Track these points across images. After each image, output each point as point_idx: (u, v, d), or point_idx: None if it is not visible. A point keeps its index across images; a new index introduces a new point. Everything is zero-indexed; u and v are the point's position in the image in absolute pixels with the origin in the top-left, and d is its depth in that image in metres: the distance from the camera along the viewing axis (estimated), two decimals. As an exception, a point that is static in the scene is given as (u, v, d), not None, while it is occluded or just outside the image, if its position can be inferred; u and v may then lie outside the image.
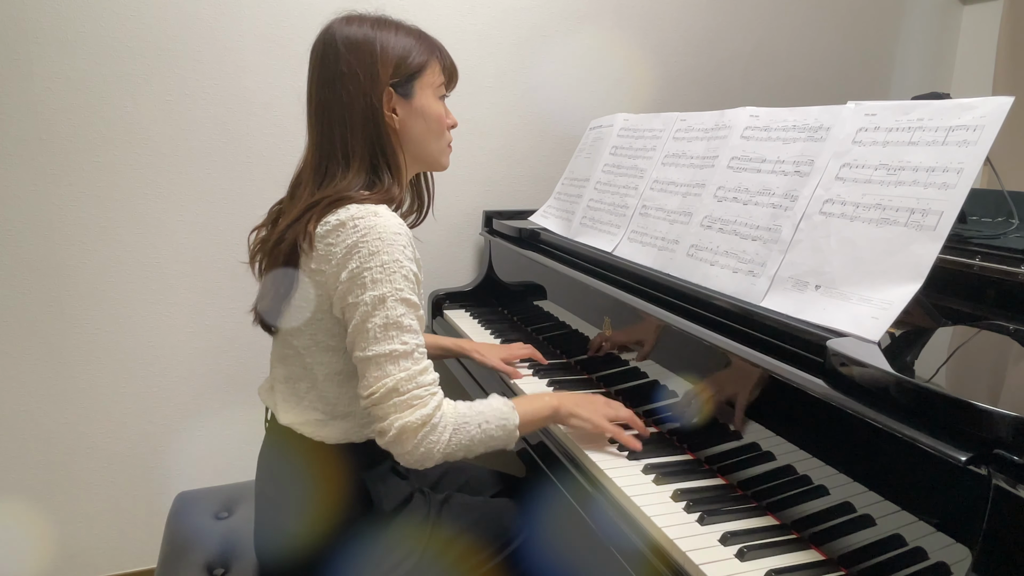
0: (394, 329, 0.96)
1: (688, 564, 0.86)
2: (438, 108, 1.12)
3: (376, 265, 0.95)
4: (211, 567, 1.20)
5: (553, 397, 1.15)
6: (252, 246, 1.12)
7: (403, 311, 0.96)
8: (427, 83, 1.10)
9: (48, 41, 1.62)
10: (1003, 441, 0.67)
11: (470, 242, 2.11)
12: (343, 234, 0.97)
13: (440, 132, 1.13)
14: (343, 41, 1.04)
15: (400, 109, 1.08)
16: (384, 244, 0.96)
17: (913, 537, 0.76)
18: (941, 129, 0.95)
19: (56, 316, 1.74)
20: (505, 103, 2.06)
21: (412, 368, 0.96)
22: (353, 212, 0.98)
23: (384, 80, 1.04)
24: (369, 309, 0.95)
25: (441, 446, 0.97)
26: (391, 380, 0.95)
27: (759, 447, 0.99)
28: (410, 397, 0.95)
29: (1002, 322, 0.99)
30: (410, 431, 0.95)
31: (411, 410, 0.95)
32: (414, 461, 0.97)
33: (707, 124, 1.38)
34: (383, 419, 0.96)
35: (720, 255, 1.18)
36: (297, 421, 1.08)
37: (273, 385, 1.14)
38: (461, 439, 0.99)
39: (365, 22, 1.06)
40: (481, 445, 1.02)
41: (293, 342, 1.07)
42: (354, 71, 1.03)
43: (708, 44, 2.27)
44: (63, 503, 1.83)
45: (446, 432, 0.98)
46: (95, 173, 1.71)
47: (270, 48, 1.79)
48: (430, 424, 0.96)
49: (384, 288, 0.95)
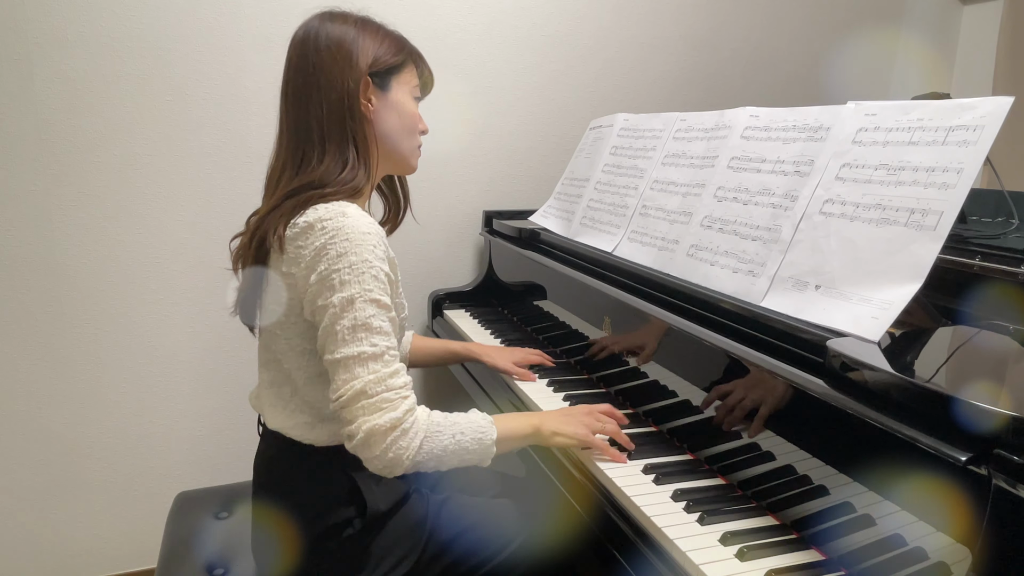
0: (363, 331, 0.94)
1: (688, 564, 0.86)
2: (413, 107, 1.13)
3: (344, 267, 0.95)
4: (211, 567, 1.20)
5: (534, 416, 1.13)
6: (233, 253, 1.12)
7: (372, 312, 0.95)
8: (404, 81, 1.11)
9: (48, 41, 1.62)
10: (1003, 441, 0.67)
11: (470, 242, 2.11)
12: (312, 236, 0.97)
13: (412, 130, 1.14)
14: (324, 33, 1.06)
15: (376, 100, 1.08)
16: (352, 245, 0.95)
17: (913, 537, 0.76)
18: (941, 129, 0.95)
19: (56, 316, 1.74)
20: (505, 103, 2.06)
21: (382, 371, 0.94)
22: (321, 213, 0.98)
23: (363, 68, 1.05)
24: (337, 311, 0.94)
25: (411, 452, 0.93)
26: (359, 383, 0.92)
27: (759, 447, 0.99)
28: (379, 400, 0.92)
29: (1002, 322, 0.99)
30: (378, 434, 0.91)
31: (379, 413, 0.92)
32: (382, 467, 0.93)
33: (707, 124, 1.38)
34: (351, 422, 0.93)
35: (720, 255, 1.18)
36: (286, 425, 1.08)
37: (260, 391, 1.15)
38: (432, 447, 0.96)
39: (348, 19, 1.08)
40: (454, 457, 0.99)
41: (271, 346, 1.08)
42: (333, 58, 1.04)
43: (708, 44, 2.27)
44: (63, 503, 1.83)
45: (416, 439, 0.94)
46: (95, 173, 1.71)
47: (270, 48, 1.79)
48: (400, 428, 0.92)
49: (352, 289, 0.94)
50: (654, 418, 1.24)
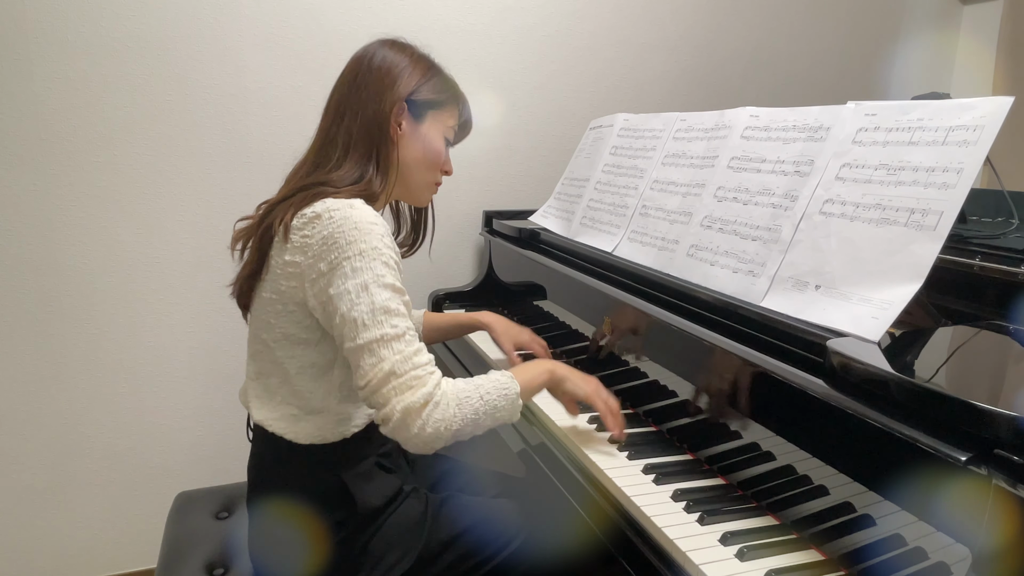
0: (382, 314, 0.95)
1: (688, 564, 0.86)
2: (440, 145, 1.16)
3: (355, 254, 0.96)
4: (211, 567, 1.21)
5: (547, 362, 1.15)
6: (236, 232, 1.13)
7: (388, 295, 0.96)
8: (440, 119, 1.16)
9: (48, 41, 1.62)
10: (1003, 441, 0.67)
11: (470, 242, 2.11)
12: (319, 225, 0.98)
13: (432, 166, 1.17)
14: (380, 56, 1.11)
15: (406, 125, 1.12)
16: (361, 233, 0.96)
17: (913, 537, 0.76)
18: (941, 129, 0.95)
19: (56, 316, 1.74)
20: (505, 103, 2.06)
21: (406, 350, 0.94)
22: (329, 204, 0.99)
23: (401, 92, 1.10)
24: (353, 298, 0.95)
25: (447, 423, 0.94)
26: (387, 364, 0.93)
27: (759, 447, 0.99)
28: (408, 378, 0.93)
29: (1002, 322, 0.99)
30: (414, 411, 0.92)
31: (411, 391, 0.93)
32: (422, 443, 0.94)
33: (707, 124, 1.38)
34: (384, 404, 0.93)
35: (720, 255, 1.18)
36: (270, 417, 1.08)
37: (246, 384, 1.15)
38: (466, 413, 0.96)
39: (406, 51, 1.14)
40: (488, 418, 0.99)
41: (262, 335, 1.08)
42: (379, 79, 1.09)
43: (708, 44, 2.27)
44: (63, 503, 1.83)
45: (450, 408, 0.95)
46: (95, 173, 1.71)
47: (270, 48, 1.79)
48: (432, 402, 0.93)
49: (366, 276, 0.95)
50: (654, 418, 1.24)
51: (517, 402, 1.04)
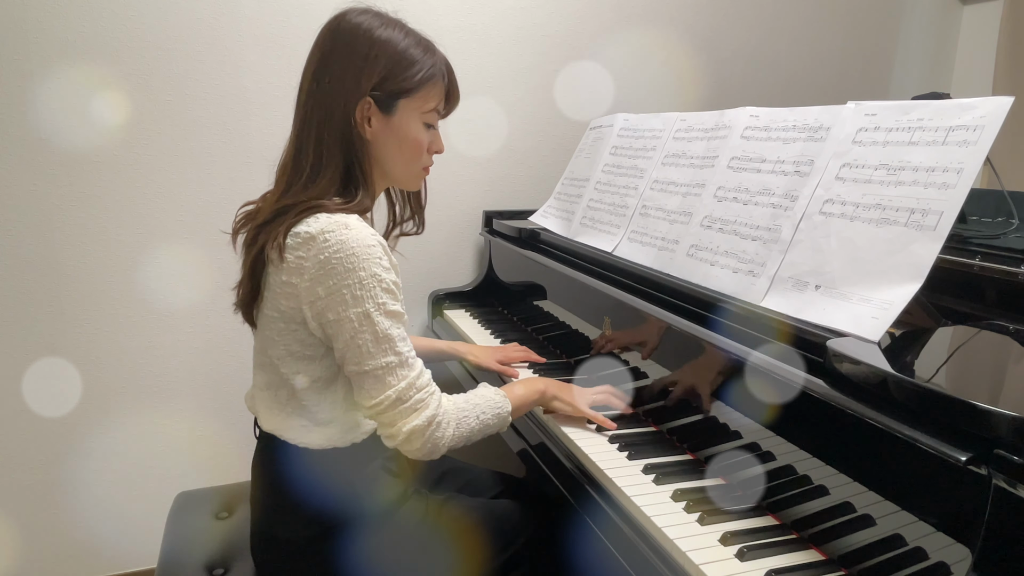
0: (385, 342, 0.97)
1: (688, 564, 0.86)
2: (418, 134, 1.08)
3: (354, 282, 0.95)
4: (211, 567, 1.20)
5: (540, 381, 1.24)
6: (237, 219, 1.10)
7: (389, 323, 0.98)
8: (415, 106, 1.06)
9: (48, 41, 1.62)
10: (1003, 441, 0.67)
11: (470, 242, 2.11)
12: (314, 248, 0.95)
13: (413, 158, 1.09)
14: (346, 31, 1.02)
15: (376, 121, 1.04)
16: (359, 260, 0.95)
17: (913, 537, 0.76)
18: (941, 129, 0.95)
19: (56, 316, 1.74)
20: (505, 103, 2.06)
21: (410, 375, 1.00)
22: (323, 225, 0.96)
23: (365, 88, 1.01)
24: (356, 326, 0.96)
25: (446, 440, 1.03)
26: (393, 392, 0.98)
27: (759, 447, 0.99)
28: (413, 403, 0.99)
29: (1002, 322, 0.99)
30: (418, 432, 0.99)
31: (416, 414, 0.99)
32: (422, 456, 1.02)
33: (707, 124, 1.38)
34: (390, 425, 1.00)
35: (720, 255, 1.18)
36: (280, 428, 1.07)
37: (255, 392, 1.14)
38: (463, 432, 1.05)
39: (376, 18, 1.04)
40: (479, 434, 1.09)
41: (268, 351, 1.07)
42: (344, 70, 1.01)
43: (708, 44, 2.27)
44: (63, 503, 1.83)
45: (450, 427, 1.03)
46: (95, 173, 1.71)
47: (270, 48, 1.79)
48: (435, 423, 1.01)
49: (367, 304, 0.96)
50: (654, 418, 1.24)
51: (507, 420, 1.13)
